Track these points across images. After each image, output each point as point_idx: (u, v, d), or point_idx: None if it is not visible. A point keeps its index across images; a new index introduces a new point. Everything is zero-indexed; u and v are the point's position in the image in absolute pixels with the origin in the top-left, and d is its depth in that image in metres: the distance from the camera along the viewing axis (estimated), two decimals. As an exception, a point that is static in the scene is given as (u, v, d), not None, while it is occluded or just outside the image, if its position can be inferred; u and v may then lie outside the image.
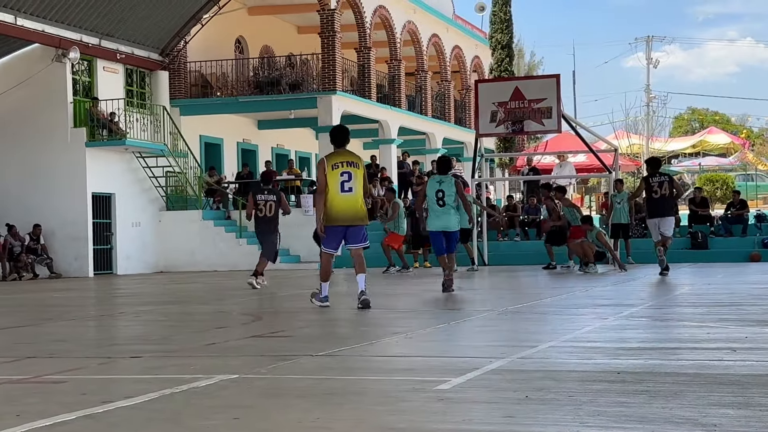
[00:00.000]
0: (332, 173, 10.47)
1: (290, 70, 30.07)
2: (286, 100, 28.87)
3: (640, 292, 13.33)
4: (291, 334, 8.49)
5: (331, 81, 28.45)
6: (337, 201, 10.49)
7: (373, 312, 10.68)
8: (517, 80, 25.35)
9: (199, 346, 7.58)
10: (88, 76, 26.37)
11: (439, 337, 7.98)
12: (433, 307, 11.45)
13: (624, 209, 22.39)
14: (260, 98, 29.02)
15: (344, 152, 10.62)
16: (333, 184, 10.46)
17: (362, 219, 10.61)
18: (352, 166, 10.49)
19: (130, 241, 26.34)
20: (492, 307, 10.75)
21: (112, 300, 15.36)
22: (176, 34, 28.45)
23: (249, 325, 9.44)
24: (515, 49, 40.41)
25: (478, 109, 22.75)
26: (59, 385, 5.63)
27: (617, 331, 8.05)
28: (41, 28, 24.60)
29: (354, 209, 10.51)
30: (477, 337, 8.08)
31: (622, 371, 5.57)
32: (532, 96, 22.08)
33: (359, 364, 6.31)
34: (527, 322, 9.11)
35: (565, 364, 6.03)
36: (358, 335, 8.15)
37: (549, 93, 22.02)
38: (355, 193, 10.49)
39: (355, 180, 10.48)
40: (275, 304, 12.70)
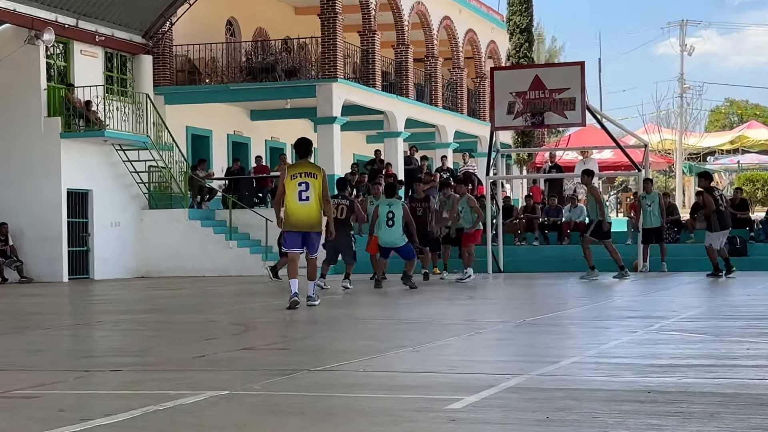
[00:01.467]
0: (291, 183, 12.37)
1: (286, 55, 30.09)
2: (281, 88, 28.89)
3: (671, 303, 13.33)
4: (286, 347, 8.50)
5: (331, 67, 28.47)
6: (295, 209, 12.37)
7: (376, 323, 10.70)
8: (538, 68, 25.35)
9: (186, 358, 7.59)
10: (64, 61, 26.40)
11: (450, 351, 7.98)
12: (442, 318, 11.45)
13: (655, 212, 22.41)
14: (253, 86, 29.03)
15: (305, 163, 12.55)
16: (291, 193, 12.35)
17: (317, 226, 12.49)
18: (310, 177, 12.38)
19: (109, 243, 26.36)
20: (508, 319, 10.75)
21: (89, 307, 15.38)
22: (161, 15, 28.48)
23: (240, 336, 9.45)
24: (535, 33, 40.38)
25: (493, 99, 22.74)
26: (32, 400, 5.64)
27: (647, 345, 8.05)
28: (12, 7, 24.63)
29: (309, 217, 12.39)
30: (492, 351, 8.08)
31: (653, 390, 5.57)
32: (553, 85, 22.08)
33: (361, 380, 6.32)
34: (547, 335, 9.11)
35: (590, 382, 6.03)
36: (361, 348, 8.16)
37: (572, 82, 22.02)
38: (311, 202, 12.37)
39: (312, 190, 12.35)
40: (269, 313, 12.71)
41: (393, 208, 17.48)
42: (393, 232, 17.38)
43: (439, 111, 35.60)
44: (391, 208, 17.46)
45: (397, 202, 17.73)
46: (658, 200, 22.73)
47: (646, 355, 7.38)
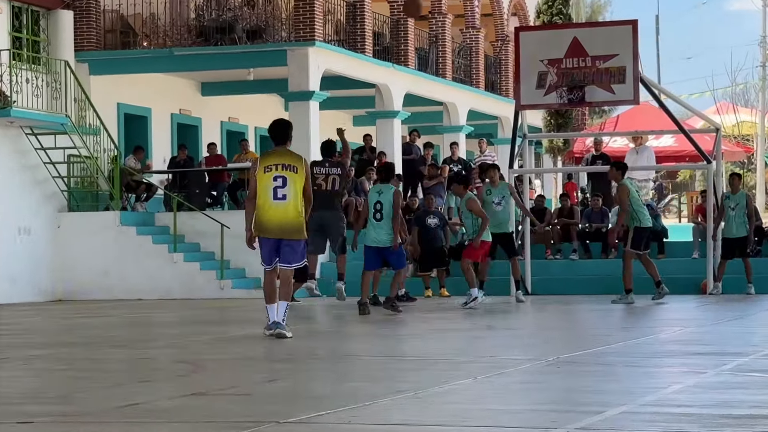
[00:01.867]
0: (264, 177, 12.40)
1: (249, 10, 30.06)
2: (242, 53, 28.84)
3: (751, 335, 13.33)
4: (247, 392, 8.49)
5: (307, 27, 28.44)
6: (268, 209, 12.41)
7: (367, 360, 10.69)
8: (577, 28, 25.36)
9: (114, 407, 7.57)
10: (-42, 17, 26.36)
11: (462, 397, 7.97)
12: (453, 354, 11.45)
13: (740, 217, 22.43)
14: (205, 51, 28.98)
15: (282, 152, 12.53)
16: (263, 190, 12.39)
17: (297, 232, 12.48)
18: (288, 170, 12.36)
19: (16, 257, 26.30)
20: (538, 356, 10.75)
21: (-10, 340, 15.34)
22: (85, -42, 28.45)
23: (186, 378, 9.44)
24: (574, -17, 40.47)
25: (519, 69, 22.75)
26: None
27: (719, 391, 8.05)
28: None
29: (286, 220, 12.39)
30: (516, 398, 8.08)
31: (726, 449, 5.58)
32: (597, 51, 22.09)
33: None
34: (588, 376, 9.12)
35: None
36: (346, 393, 8.14)
37: (622, 47, 22.03)
38: (288, 202, 12.36)
39: (291, 186, 12.34)
40: (223, 348, 12.71)
41: (382, 196, 17.38)
42: (379, 228, 17.25)
43: (448, 84, 35.60)
44: (380, 196, 17.40)
45: (389, 188, 17.57)
46: (745, 202, 22.68)
47: (717, 403, 7.38)
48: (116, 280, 26.53)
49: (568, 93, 22.27)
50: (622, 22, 23.71)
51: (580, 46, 22.21)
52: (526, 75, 22.47)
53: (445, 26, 35.72)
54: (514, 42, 23.30)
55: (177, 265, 26.56)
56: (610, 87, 22.06)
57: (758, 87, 52.56)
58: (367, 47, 31.03)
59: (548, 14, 34.88)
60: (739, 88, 53.51)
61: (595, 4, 64.71)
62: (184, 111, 32.31)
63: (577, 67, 22.13)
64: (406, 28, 33.29)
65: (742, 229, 22.39)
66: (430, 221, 23.97)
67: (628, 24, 22.71)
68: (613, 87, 22.04)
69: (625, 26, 22.77)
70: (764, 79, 52.70)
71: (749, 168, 50.57)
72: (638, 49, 22.21)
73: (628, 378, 9.10)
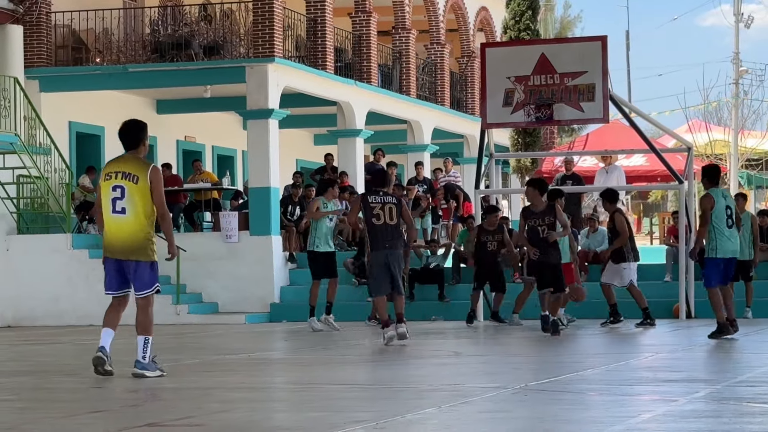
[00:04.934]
0: (104, 185, 11.51)
1: (206, 25, 30.05)
2: (199, 70, 28.80)
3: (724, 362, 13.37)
4: (202, 422, 8.47)
5: (266, 43, 28.44)
6: (109, 224, 11.51)
7: (324, 389, 10.65)
8: (545, 44, 25.46)
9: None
10: None
11: (425, 427, 7.96)
12: (417, 381, 11.43)
13: (745, 238, 22.48)
14: (160, 67, 28.93)
15: (127, 158, 11.53)
16: (104, 202, 11.47)
17: (139, 251, 11.48)
18: (128, 179, 11.32)
19: (-37, 280, 26.16)
20: (505, 383, 10.74)
21: (-66, 369, 15.24)
22: (35, -29, 28.39)
23: (139, 409, 9.39)
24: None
25: (485, 86, 22.80)
26: None
27: (691, 419, 8.06)
28: None
29: (126, 238, 11.41)
30: (481, 427, 8.07)
31: (698, 481, 5.58)
32: (565, 68, 22.16)
33: (305, 468, 6.29)
34: (556, 405, 9.11)
35: (613, 469, 6.04)
36: (302, 424, 8.13)
37: (591, 63, 22.11)
38: (129, 216, 11.36)
39: (131, 198, 11.31)
40: (178, 376, 12.65)
41: None
42: None
43: (413, 102, 35.65)
44: None
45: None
46: (750, 223, 22.71)
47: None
48: (67, 306, 26.40)
49: (535, 111, 22.33)
50: (591, 38, 23.84)
51: (548, 62, 22.27)
52: (493, 92, 22.52)
53: (409, 42, 35.79)
54: (481, 58, 23.37)
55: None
56: (578, 105, 22.13)
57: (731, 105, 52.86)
58: (329, 64, 31.05)
59: (515, 30, 34.98)
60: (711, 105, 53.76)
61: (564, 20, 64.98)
62: (139, 129, 32.19)
63: (545, 85, 22.19)
64: (368, 44, 33.33)
65: (747, 251, 22.43)
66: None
67: (597, 40, 22.80)
68: (582, 105, 22.10)
69: (594, 42, 22.85)
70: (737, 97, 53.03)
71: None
72: (608, 66, 22.28)
73: (597, 406, 9.11)
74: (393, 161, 31.60)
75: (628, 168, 33.01)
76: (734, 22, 55.84)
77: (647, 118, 27.40)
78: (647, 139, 24.74)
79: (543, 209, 18.08)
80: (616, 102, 23.08)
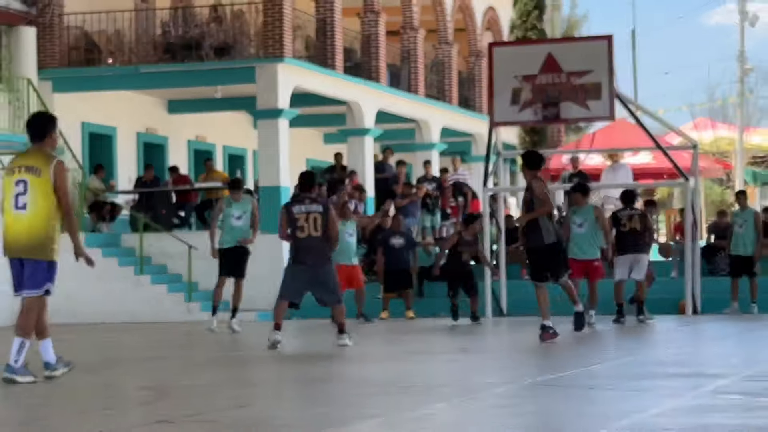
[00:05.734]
0: (7, 181, 10.82)
1: (216, 26, 30.06)
2: (209, 70, 28.81)
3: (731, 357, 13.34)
4: (213, 418, 8.46)
5: (276, 43, 28.43)
6: (8, 221, 10.84)
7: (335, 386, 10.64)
8: (551, 43, 25.44)
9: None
10: None
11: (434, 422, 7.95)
12: (425, 378, 11.42)
13: (749, 235, 22.49)
14: (171, 68, 28.94)
15: (31, 152, 10.92)
16: (7, 197, 10.83)
17: (37, 250, 10.87)
18: (31, 173, 10.70)
19: (-23, 279, 26.17)
20: (512, 379, 10.73)
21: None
22: (48, -27, 28.42)
23: (151, 405, 9.39)
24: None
25: (492, 85, 22.78)
26: None
27: (699, 414, 8.04)
28: None
29: (26, 234, 10.78)
30: (490, 422, 8.06)
31: (705, 475, 5.56)
32: (572, 67, 22.14)
33: (315, 463, 6.28)
34: (565, 400, 9.10)
35: (621, 463, 6.02)
36: (313, 420, 8.12)
37: (597, 62, 22.09)
38: (30, 213, 10.74)
39: (34, 193, 10.69)
40: (190, 373, 12.65)
41: None
42: None
43: (421, 101, 35.64)
44: None
45: None
46: (753, 219, 22.76)
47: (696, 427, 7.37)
48: (80, 304, 26.39)
49: (542, 109, 22.31)
50: (598, 37, 23.80)
51: (555, 61, 22.26)
52: (500, 91, 22.50)
53: (417, 42, 35.77)
54: (488, 58, 23.36)
55: (143, 287, 26.46)
56: (585, 103, 22.10)
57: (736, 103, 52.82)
58: (338, 63, 31.05)
59: (522, 29, 35.00)
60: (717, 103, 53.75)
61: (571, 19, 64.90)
62: (151, 129, 32.25)
63: (552, 83, 22.17)
64: (377, 43, 33.30)
65: (750, 247, 22.46)
66: (394, 241, 23.98)
67: (604, 39, 22.77)
68: (589, 103, 22.08)
69: (600, 42, 22.84)
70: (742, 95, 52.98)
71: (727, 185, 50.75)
72: (614, 65, 22.26)
73: (605, 401, 9.09)
74: (402, 160, 31.59)
75: (634, 165, 32.94)
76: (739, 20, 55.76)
77: (653, 115, 27.36)
78: (653, 136, 24.71)
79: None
80: (622, 100, 23.04)
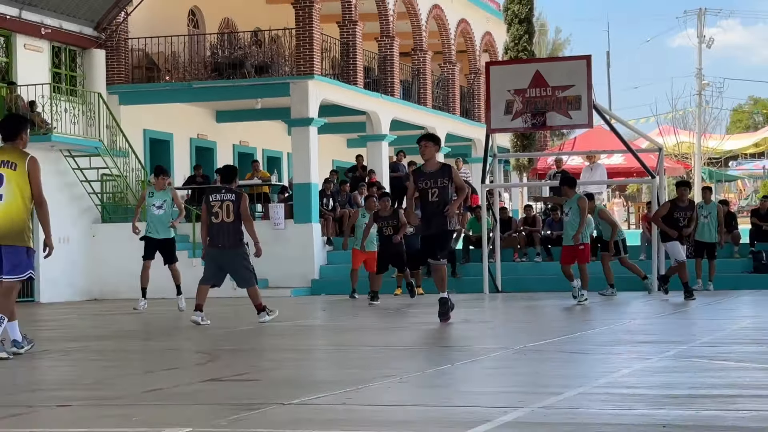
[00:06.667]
0: None
1: (257, 48, 30.08)
2: (251, 86, 28.85)
3: (690, 327, 13.35)
4: (257, 378, 8.48)
5: (307, 63, 28.46)
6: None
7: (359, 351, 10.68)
8: (539, 62, 25.40)
9: (143, 391, 7.56)
10: (5, 56, 26.34)
11: (441, 381, 7.97)
12: (433, 344, 11.45)
13: (712, 225, 22.53)
14: (219, 84, 29.00)
15: (4, 149, 10.70)
16: None
17: (14, 237, 10.59)
18: (6, 167, 10.52)
19: (57, 262, 26.13)
20: (507, 345, 10.75)
21: (34, 334, 15.27)
22: (115, 4, 28.43)
23: (204, 366, 9.42)
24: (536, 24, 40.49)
25: (489, 98, 22.78)
26: (-32, 440, 5.61)
27: (662, 374, 8.05)
28: (-53, -4, 24.58)
29: (3, 222, 10.52)
30: (488, 381, 8.08)
31: (669, 424, 5.58)
32: (556, 82, 22.13)
33: (342, 414, 6.30)
34: (551, 363, 9.12)
35: (599, 415, 6.04)
36: (341, 379, 8.14)
37: (577, 78, 22.07)
38: (4, 202, 10.49)
39: (8, 185, 10.50)
40: (236, 340, 12.68)
41: None
42: None
43: (429, 111, 35.63)
44: None
45: None
46: (716, 212, 22.83)
47: (660, 384, 7.38)
48: (143, 282, 26.46)
49: (531, 118, 22.31)
50: (578, 57, 23.78)
51: (542, 78, 22.25)
52: (496, 103, 22.51)
53: (425, 61, 35.77)
54: (485, 75, 23.35)
55: (195, 268, 26.46)
56: (567, 113, 22.10)
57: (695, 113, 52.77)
58: (359, 80, 31.08)
59: (515, 51, 34.89)
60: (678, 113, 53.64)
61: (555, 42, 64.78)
62: (201, 135, 32.31)
63: (539, 96, 22.17)
64: (392, 63, 33.32)
65: (712, 235, 22.58)
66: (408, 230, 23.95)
67: (583, 59, 22.77)
68: (570, 113, 22.08)
69: (580, 61, 22.83)
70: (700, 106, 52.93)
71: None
72: (591, 80, 22.28)
73: (584, 364, 9.11)
74: (413, 161, 31.60)
75: (609, 165, 32.95)
76: (698, 43, 55.69)
77: (625, 123, 27.35)
78: (625, 141, 24.68)
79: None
80: (598, 110, 23.02)
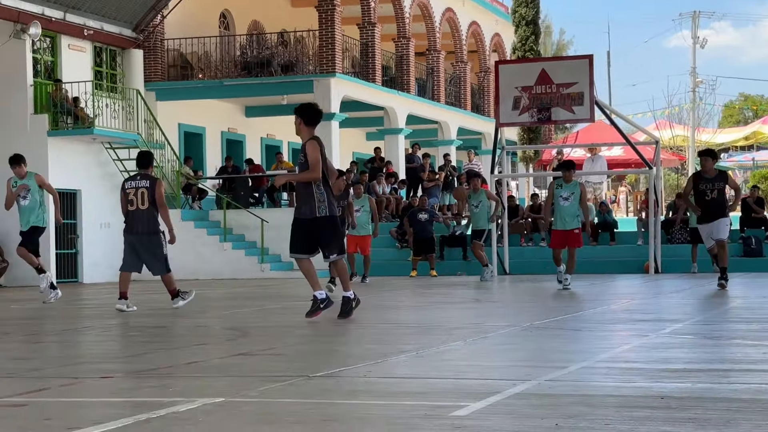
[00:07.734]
0: None
1: (283, 48, 30.09)
2: (277, 83, 28.87)
3: (685, 306, 13.31)
4: (283, 352, 8.49)
5: (329, 62, 28.46)
6: None
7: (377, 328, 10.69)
8: (544, 61, 25.35)
9: (178, 364, 7.57)
10: (51, 55, 26.39)
11: (454, 356, 7.96)
12: (446, 321, 11.44)
13: None
14: (248, 81, 29.03)
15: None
16: None
17: None
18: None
19: (99, 245, 26.33)
20: (514, 323, 10.73)
21: (78, 312, 15.36)
22: (152, 8, 28.47)
23: (234, 342, 9.43)
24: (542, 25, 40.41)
25: (498, 94, 22.74)
26: (18, 409, 5.62)
27: (660, 350, 8.03)
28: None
29: None
30: (498, 356, 8.07)
31: (667, 396, 5.56)
32: (560, 80, 22.09)
33: (362, 386, 6.30)
34: (556, 339, 9.10)
35: (601, 387, 6.02)
36: (361, 353, 8.14)
37: (580, 76, 22.03)
38: None
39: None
40: (264, 317, 12.70)
41: None
42: None
43: (442, 107, 35.60)
44: None
45: None
46: None
47: (658, 359, 7.36)
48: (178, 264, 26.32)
49: (537, 113, 22.29)
50: (580, 56, 23.72)
51: (547, 76, 22.21)
52: (504, 99, 22.48)
53: (439, 61, 35.72)
54: (495, 73, 23.31)
55: (226, 252, 26.59)
56: (571, 108, 22.06)
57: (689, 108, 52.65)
58: (377, 78, 31.06)
59: (522, 50, 34.83)
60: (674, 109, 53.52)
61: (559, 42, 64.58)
62: (232, 129, 32.35)
63: (545, 93, 22.13)
64: (408, 62, 33.28)
65: None
66: (420, 216, 24.35)
67: (585, 58, 22.71)
68: (574, 108, 22.04)
69: (582, 60, 22.78)
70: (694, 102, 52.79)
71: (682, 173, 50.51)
72: (593, 78, 22.22)
73: (586, 340, 9.09)
74: (427, 153, 31.65)
75: (609, 157, 32.87)
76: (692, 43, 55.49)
77: (624, 118, 27.29)
78: (624, 134, 24.63)
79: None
80: (600, 106, 22.96)
